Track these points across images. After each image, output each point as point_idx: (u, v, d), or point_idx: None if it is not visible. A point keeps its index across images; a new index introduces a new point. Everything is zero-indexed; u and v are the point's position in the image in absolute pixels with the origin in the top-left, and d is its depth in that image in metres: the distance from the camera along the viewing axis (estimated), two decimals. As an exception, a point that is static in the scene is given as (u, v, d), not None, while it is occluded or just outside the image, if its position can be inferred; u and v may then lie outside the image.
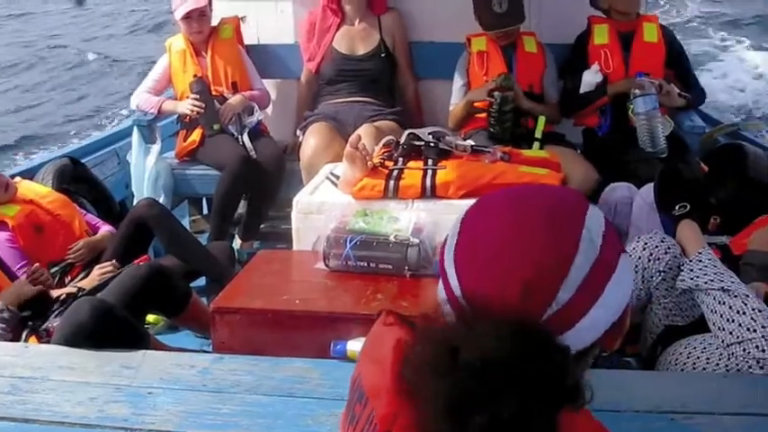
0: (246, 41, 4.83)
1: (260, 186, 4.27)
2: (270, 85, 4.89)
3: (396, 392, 1.05)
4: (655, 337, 2.72)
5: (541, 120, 4.10)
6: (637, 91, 3.93)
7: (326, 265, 2.83)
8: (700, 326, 2.55)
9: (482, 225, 1.08)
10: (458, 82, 4.37)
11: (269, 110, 4.79)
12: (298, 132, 4.46)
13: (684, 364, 2.49)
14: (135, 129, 4.50)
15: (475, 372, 0.91)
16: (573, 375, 0.95)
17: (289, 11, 4.93)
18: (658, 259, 2.66)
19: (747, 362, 2.31)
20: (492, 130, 4.09)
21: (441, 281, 1.11)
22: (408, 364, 1.01)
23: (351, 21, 4.62)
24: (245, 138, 4.34)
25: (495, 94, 4.03)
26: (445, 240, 1.13)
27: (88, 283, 3.21)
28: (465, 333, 0.95)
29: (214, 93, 4.45)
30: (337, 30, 4.61)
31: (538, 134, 4.07)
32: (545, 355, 0.94)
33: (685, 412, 2.07)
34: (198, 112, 4.37)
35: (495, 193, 1.14)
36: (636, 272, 2.67)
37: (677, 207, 2.82)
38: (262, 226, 4.50)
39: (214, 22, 4.65)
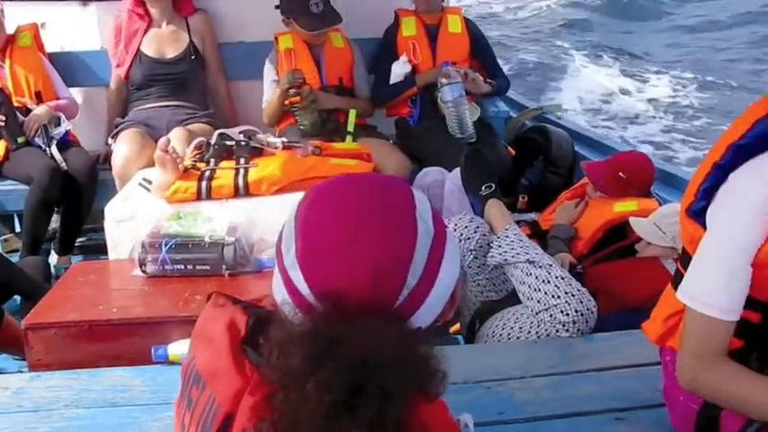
0: (49, 49, 4.63)
1: (73, 198, 4.13)
2: (77, 93, 4.73)
3: (237, 372, 1.04)
4: (472, 313, 2.84)
5: (352, 113, 4.19)
6: (444, 80, 4.08)
7: (143, 272, 2.79)
8: (513, 298, 2.69)
9: (318, 223, 1.07)
10: (268, 80, 4.39)
11: (77, 119, 4.63)
12: (109, 140, 4.34)
13: (500, 335, 2.62)
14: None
15: (359, 365, 0.92)
16: (436, 361, 1.00)
17: (92, 16, 4.78)
18: (468, 239, 2.77)
19: (554, 326, 2.46)
20: (301, 127, 4.14)
21: (278, 284, 1.09)
22: (272, 356, 0.99)
23: (158, 24, 4.54)
24: (54, 149, 4.17)
25: (291, 91, 4.08)
26: (279, 243, 1.12)
27: None
28: (343, 327, 0.95)
29: (16, 104, 4.25)
30: (145, 33, 4.51)
31: (350, 127, 4.16)
32: (421, 352, 0.97)
33: (499, 379, 2.19)
34: (-1, 126, 4.17)
35: (321, 189, 1.12)
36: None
37: (483, 188, 2.94)
38: (78, 239, 4.36)
39: (10, 30, 4.44)
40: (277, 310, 1.07)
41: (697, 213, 1.62)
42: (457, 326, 3.00)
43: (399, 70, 4.37)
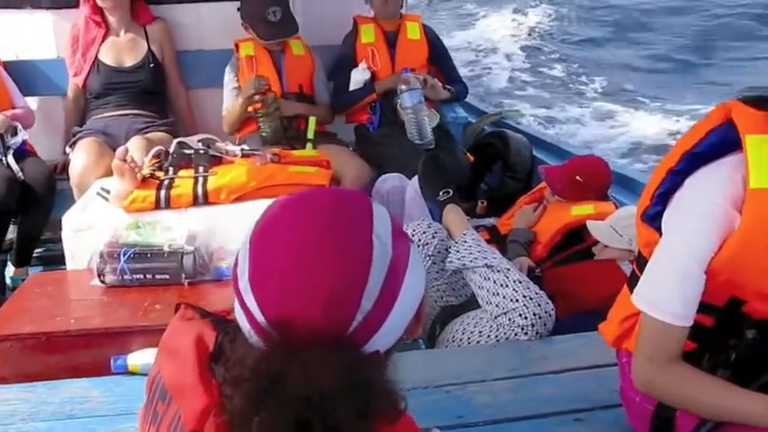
0: (4, 58, 4.57)
1: (29, 209, 4.07)
2: (34, 102, 4.67)
3: (203, 391, 1.02)
4: (433, 318, 2.85)
5: (312, 120, 4.20)
6: (403, 86, 4.10)
7: (102, 282, 2.77)
8: (472, 303, 2.71)
9: (271, 247, 1.03)
10: (229, 87, 4.38)
11: (34, 128, 4.57)
12: (67, 150, 4.30)
13: (461, 340, 2.63)
14: None
15: (303, 402, 0.91)
16: (390, 385, 0.97)
17: (48, 24, 4.73)
18: (427, 244, 2.78)
19: (513, 330, 2.48)
20: (262, 134, 4.14)
21: (237, 307, 1.06)
22: (225, 390, 0.98)
23: (116, 32, 4.49)
24: (10, 159, 4.11)
25: (257, 97, 4.08)
26: (234, 266, 1.08)
27: None
28: (288, 363, 0.93)
29: (-30, 114, 4.20)
30: (102, 42, 4.46)
31: (310, 134, 4.16)
32: (371, 380, 0.94)
33: (459, 383, 2.21)
34: (-48, 136, 4.11)
35: (274, 211, 1.08)
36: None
37: (441, 193, 2.96)
38: (36, 250, 4.31)
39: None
40: (239, 332, 1.05)
41: (652, 218, 1.66)
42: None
43: (359, 77, 4.39)
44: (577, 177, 3.24)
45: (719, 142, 1.57)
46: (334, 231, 1.02)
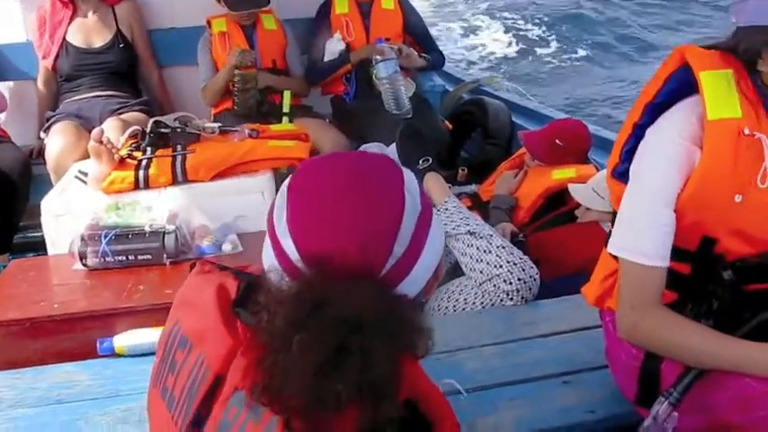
0: (-29, 43, 4.53)
1: (6, 196, 4.03)
2: (4, 87, 4.64)
3: (228, 333, 1.04)
4: (418, 287, 2.84)
5: (287, 94, 4.18)
6: (378, 57, 4.08)
7: (84, 265, 2.75)
8: (456, 270, 2.71)
9: (309, 191, 1.09)
10: (204, 62, 4.35)
11: (7, 114, 4.52)
12: (41, 134, 4.25)
13: (446, 308, 2.63)
14: None
15: (344, 325, 0.94)
16: (421, 324, 1.01)
17: (16, 7, 4.66)
18: (408, 213, 2.77)
19: (498, 296, 2.48)
20: (238, 108, 4.11)
21: (269, 251, 1.11)
22: (261, 319, 0.99)
23: (83, 13, 4.43)
24: (-16, 146, 4.08)
25: (236, 72, 4.06)
26: (270, 214, 1.13)
27: None
28: (329, 289, 0.97)
29: (-59, 102, 4.15)
30: (70, 23, 4.41)
31: (285, 108, 4.15)
32: (404, 314, 0.98)
33: (448, 351, 2.21)
34: None
35: (312, 162, 1.15)
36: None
37: (420, 162, 2.95)
38: (15, 237, 4.27)
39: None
40: (265, 276, 1.07)
41: (622, 174, 1.69)
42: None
43: (333, 48, 4.37)
44: (557, 141, 3.24)
45: (678, 88, 1.61)
46: (370, 179, 1.09)
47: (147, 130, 3.33)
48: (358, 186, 1.07)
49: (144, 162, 3.20)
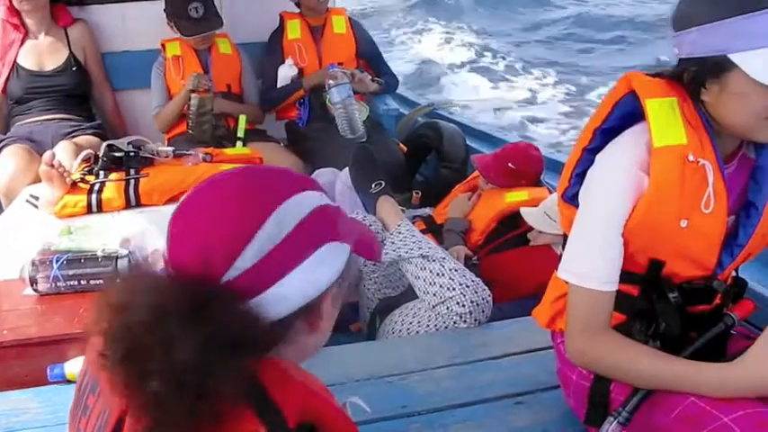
0: None
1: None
2: (-46, 111, 4.56)
3: None
4: (372, 310, 2.86)
5: (242, 119, 4.19)
6: (331, 81, 4.09)
7: (35, 290, 2.71)
8: (410, 293, 2.72)
9: (192, 199, 1.12)
10: (157, 86, 4.33)
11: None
12: (-7, 158, 4.20)
13: (400, 331, 2.64)
14: None
15: (142, 326, 0.97)
16: (252, 327, 1.02)
17: None
18: (362, 237, 2.78)
19: (452, 318, 2.50)
20: (192, 132, 4.10)
21: None
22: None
23: (35, 35, 4.41)
24: (-66, 171, 4.01)
25: (192, 96, 4.06)
26: None
27: None
28: (127, 293, 1.01)
29: None
30: (21, 45, 4.37)
31: (240, 133, 4.16)
32: (207, 306, 0.99)
33: (401, 373, 2.22)
34: None
35: (214, 176, 1.17)
36: (343, 253, 2.78)
37: (373, 185, 2.97)
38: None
39: None
40: None
41: (572, 198, 1.72)
42: (358, 324, 3.03)
43: (286, 73, 4.38)
44: (510, 164, 3.27)
45: (625, 114, 1.66)
46: (240, 195, 1.11)
47: (100, 153, 3.31)
48: (222, 201, 1.11)
49: (97, 186, 3.18)
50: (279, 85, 4.38)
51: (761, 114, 1.52)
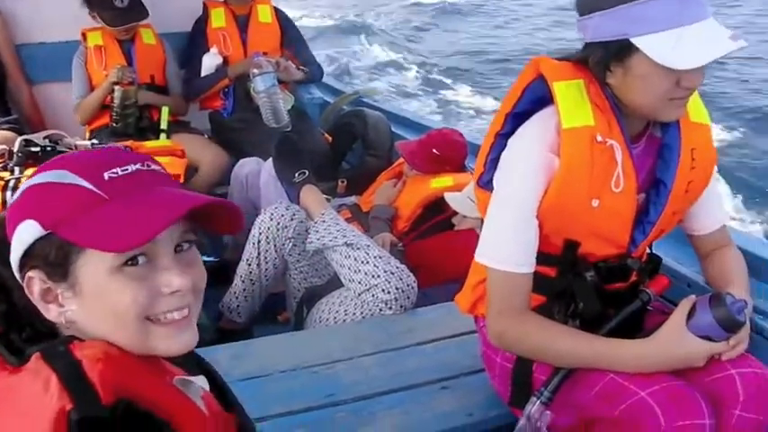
0: None
1: None
2: None
3: None
4: (299, 300, 2.85)
5: (165, 110, 4.11)
6: (255, 70, 4.04)
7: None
8: (337, 282, 2.72)
9: None
10: (78, 76, 4.22)
11: None
12: None
13: (327, 320, 2.64)
14: None
15: None
16: None
17: None
18: (286, 227, 2.77)
19: (378, 306, 2.51)
20: (115, 125, 4.02)
21: None
22: None
23: (-57, 27, 4.26)
24: None
25: (116, 88, 3.97)
26: None
27: None
28: None
29: None
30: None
31: (163, 125, 4.08)
32: None
33: (327, 362, 2.22)
34: None
35: None
36: (268, 242, 2.77)
37: (296, 175, 2.95)
38: None
39: None
40: None
41: (488, 183, 1.73)
42: (286, 314, 3.01)
43: (210, 62, 4.31)
44: (434, 151, 3.28)
45: (535, 97, 1.68)
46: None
47: (15, 149, 3.21)
48: None
49: (12, 182, 3.08)
50: (203, 75, 4.31)
51: (664, 95, 1.56)
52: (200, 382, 1.16)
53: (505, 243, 1.67)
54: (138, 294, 1.04)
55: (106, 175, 1.05)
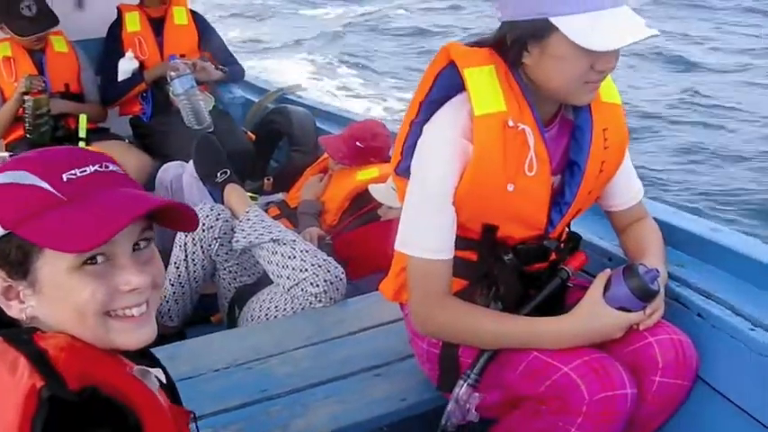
0: None
1: None
2: None
3: None
4: (229, 300, 2.84)
5: (83, 118, 4.06)
6: (173, 73, 4.01)
7: None
8: (266, 279, 2.72)
9: None
10: None
11: None
12: None
13: (259, 317, 2.65)
14: None
15: None
16: None
17: None
18: (211, 227, 2.76)
19: (308, 299, 2.53)
20: (30, 135, 3.95)
21: None
22: None
23: None
24: None
25: (27, 98, 3.90)
26: None
27: None
28: None
29: None
30: None
31: (81, 133, 4.03)
32: None
33: (260, 358, 2.23)
34: None
35: None
36: (194, 244, 2.76)
37: (218, 175, 2.95)
38: None
39: None
40: None
41: (405, 171, 1.75)
42: (218, 315, 3.00)
43: (126, 67, 4.26)
44: (357, 143, 3.29)
45: (448, 84, 1.69)
46: None
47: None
48: None
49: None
50: (120, 80, 4.26)
51: (579, 78, 1.59)
52: (158, 374, 1.20)
53: (424, 230, 1.70)
54: (96, 292, 1.07)
55: (65, 177, 1.08)
